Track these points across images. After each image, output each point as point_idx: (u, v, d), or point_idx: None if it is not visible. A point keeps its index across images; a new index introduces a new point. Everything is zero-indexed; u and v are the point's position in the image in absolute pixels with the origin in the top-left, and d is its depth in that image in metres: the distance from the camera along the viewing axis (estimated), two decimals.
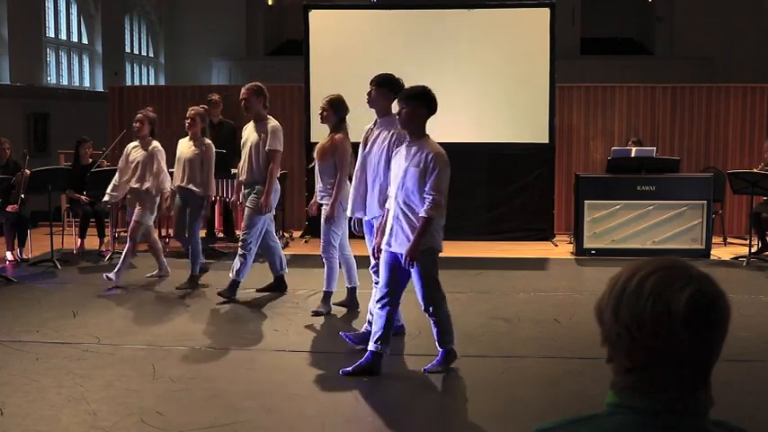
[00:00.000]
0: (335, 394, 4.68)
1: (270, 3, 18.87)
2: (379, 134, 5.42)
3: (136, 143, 7.50)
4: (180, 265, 8.40)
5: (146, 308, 6.63)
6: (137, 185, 7.36)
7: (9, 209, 8.50)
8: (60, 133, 13.25)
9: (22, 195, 8.41)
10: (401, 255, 4.71)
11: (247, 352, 5.43)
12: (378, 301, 4.87)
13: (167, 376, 4.91)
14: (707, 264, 8.22)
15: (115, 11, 16.46)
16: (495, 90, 9.48)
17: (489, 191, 9.64)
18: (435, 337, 4.97)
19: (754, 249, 8.58)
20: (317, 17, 9.81)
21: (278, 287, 7.06)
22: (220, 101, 9.93)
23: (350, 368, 4.89)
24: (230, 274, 6.75)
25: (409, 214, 4.69)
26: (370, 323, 5.26)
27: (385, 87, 5.40)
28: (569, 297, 6.97)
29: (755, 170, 8.97)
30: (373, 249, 5.10)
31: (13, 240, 8.57)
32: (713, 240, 8.99)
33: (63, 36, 15.07)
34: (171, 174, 7.52)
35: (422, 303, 4.86)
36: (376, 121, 5.53)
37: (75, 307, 6.56)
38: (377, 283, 5.32)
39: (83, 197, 9.21)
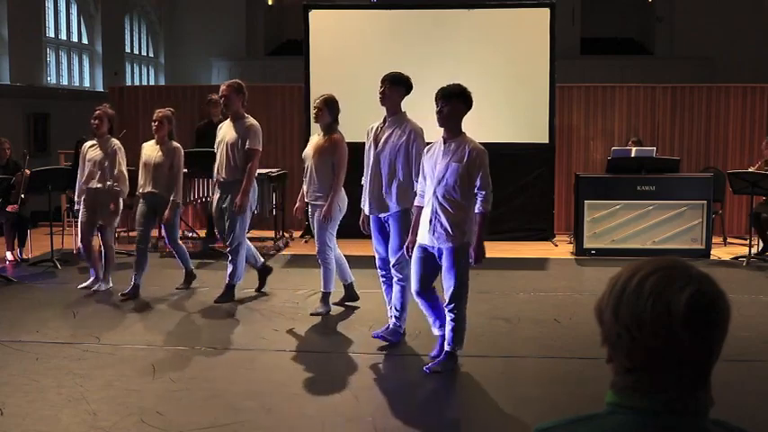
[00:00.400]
0: (335, 394, 4.68)
1: (270, 3, 18.87)
2: (391, 132, 5.48)
3: (93, 142, 7.20)
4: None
5: (146, 308, 6.63)
6: (98, 186, 7.03)
7: (9, 209, 8.51)
8: (60, 133, 13.25)
9: (22, 195, 8.41)
10: (438, 249, 4.83)
11: (247, 352, 5.43)
12: (449, 305, 4.88)
13: (167, 376, 4.91)
14: (707, 264, 8.22)
15: (115, 11, 16.46)
16: (495, 90, 9.47)
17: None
18: (448, 336, 4.94)
19: (754, 250, 8.58)
20: (316, 17, 9.82)
21: (262, 280, 7.14)
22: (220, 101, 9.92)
23: (434, 365, 4.97)
24: (225, 279, 6.75)
25: (449, 209, 4.78)
26: (397, 318, 5.52)
27: (398, 85, 5.49)
28: (569, 297, 6.97)
29: (754, 167, 8.98)
30: (407, 246, 5.14)
31: (13, 240, 8.57)
32: (713, 240, 8.99)
33: (63, 36, 15.07)
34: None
35: (448, 298, 4.88)
36: (385, 119, 5.58)
37: (75, 307, 6.57)
38: (385, 279, 5.61)
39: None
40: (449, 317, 4.90)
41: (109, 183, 7.04)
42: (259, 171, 9.36)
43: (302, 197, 6.35)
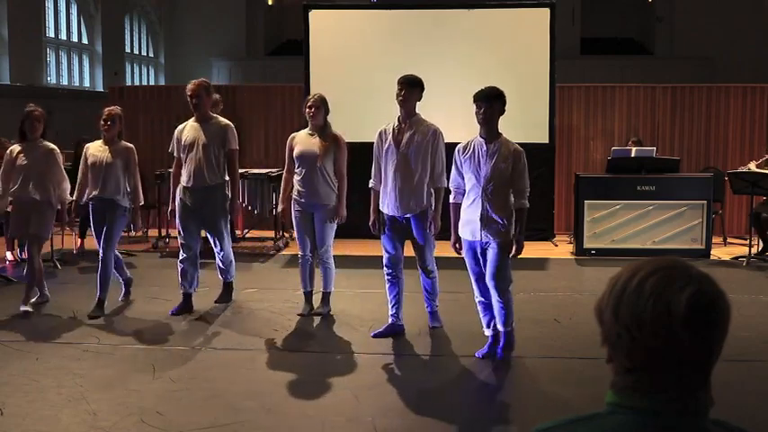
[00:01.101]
0: (335, 394, 4.68)
1: (270, 3, 18.88)
2: (414, 133, 5.57)
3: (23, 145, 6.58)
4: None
5: (146, 308, 6.62)
6: (35, 195, 6.40)
7: (9, 209, 8.50)
8: (60, 133, 13.24)
9: None
10: (484, 243, 5.09)
11: (247, 352, 5.43)
12: (498, 295, 5.14)
13: (167, 376, 4.91)
14: (707, 264, 8.22)
15: (115, 11, 16.47)
16: None
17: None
18: (501, 319, 5.18)
19: (754, 250, 8.58)
20: (316, 17, 9.81)
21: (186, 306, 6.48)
22: (220, 101, 9.91)
23: (485, 350, 5.28)
24: (221, 277, 6.75)
25: (499, 206, 5.07)
26: (432, 301, 5.90)
27: (416, 87, 5.60)
28: (569, 297, 6.97)
29: (754, 163, 8.99)
30: (455, 245, 5.30)
31: (13, 240, 8.56)
32: (713, 240, 8.99)
33: (63, 36, 15.07)
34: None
35: (498, 290, 5.11)
36: (400, 120, 5.63)
37: (76, 307, 6.56)
38: (390, 277, 5.73)
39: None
40: (499, 303, 5.16)
41: (48, 191, 6.44)
42: (259, 171, 9.40)
43: (287, 198, 6.26)
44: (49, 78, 14.44)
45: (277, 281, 7.52)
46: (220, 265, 6.69)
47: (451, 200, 5.29)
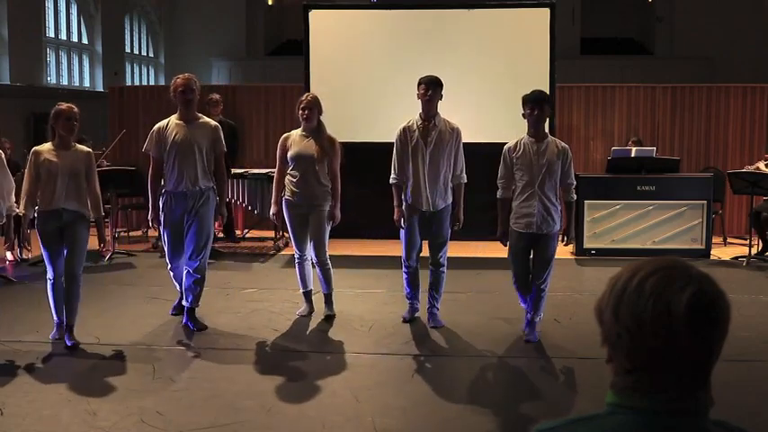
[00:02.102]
0: (335, 394, 4.68)
1: (270, 3, 18.88)
2: (440, 131, 5.83)
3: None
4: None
5: (146, 308, 6.62)
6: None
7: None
8: None
9: None
10: (541, 235, 5.48)
11: (247, 352, 5.43)
12: (543, 282, 5.57)
13: (167, 376, 4.91)
14: (707, 264, 8.22)
15: (115, 11, 16.46)
16: (495, 90, 9.47)
17: (489, 191, 9.61)
18: (541, 306, 5.62)
19: (754, 250, 8.58)
20: (316, 17, 9.81)
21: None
22: (220, 100, 9.93)
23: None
24: (185, 298, 6.02)
25: (553, 200, 5.50)
26: (436, 300, 6.02)
27: (440, 87, 5.84)
28: (569, 297, 6.97)
29: (763, 163, 9.00)
30: (501, 237, 5.69)
31: (13, 240, 8.56)
32: (713, 240, 8.99)
33: (63, 36, 15.07)
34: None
35: (544, 275, 5.56)
36: (424, 118, 5.83)
37: None
38: (409, 270, 5.99)
39: None
40: (544, 291, 5.59)
41: None
42: (259, 171, 9.40)
43: (278, 200, 6.23)
44: (49, 78, 14.44)
45: (277, 281, 7.53)
46: (190, 280, 5.91)
47: (499, 195, 5.65)
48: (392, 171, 5.93)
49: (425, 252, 6.06)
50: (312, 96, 6.18)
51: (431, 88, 5.76)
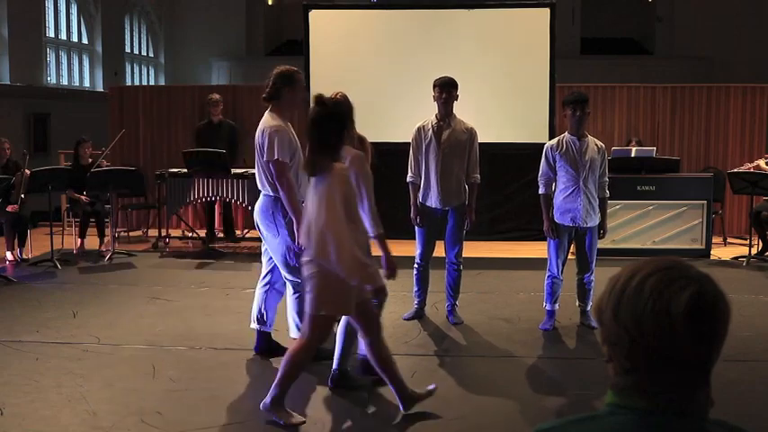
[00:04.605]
0: (336, 394, 4.67)
1: (270, 3, 18.87)
2: (453, 131, 5.96)
3: None
4: (181, 266, 8.41)
5: (146, 308, 6.62)
6: None
7: (9, 209, 8.51)
8: (60, 133, 13.26)
9: (22, 195, 8.41)
10: (585, 228, 5.81)
11: (247, 352, 5.42)
12: (592, 273, 5.97)
13: (167, 376, 4.91)
14: (707, 264, 8.22)
15: (115, 11, 16.46)
16: (494, 90, 9.47)
17: (489, 191, 9.62)
18: (590, 296, 5.96)
19: (754, 250, 8.58)
20: (316, 17, 9.81)
21: None
22: (221, 100, 9.93)
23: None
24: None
25: (595, 194, 5.80)
26: (454, 298, 6.18)
27: (456, 88, 5.99)
28: (569, 297, 6.96)
29: (764, 161, 9.01)
30: (548, 230, 5.91)
31: (13, 240, 8.57)
32: (713, 240, 8.99)
33: (63, 36, 15.07)
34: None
35: (591, 268, 5.97)
36: (440, 118, 5.96)
37: (76, 307, 6.56)
38: (420, 269, 6.11)
39: (83, 197, 9.23)
40: (591, 282, 5.97)
41: None
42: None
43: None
44: (48, 78, 14.43)
45: None
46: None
47: (542, 192, 5.90)
48: (409, 170, 6.12)
49: (439, 252, 6.13)
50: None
51: (445, 90, 5.93)
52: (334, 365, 4.70)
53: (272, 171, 4.90)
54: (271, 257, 5.24)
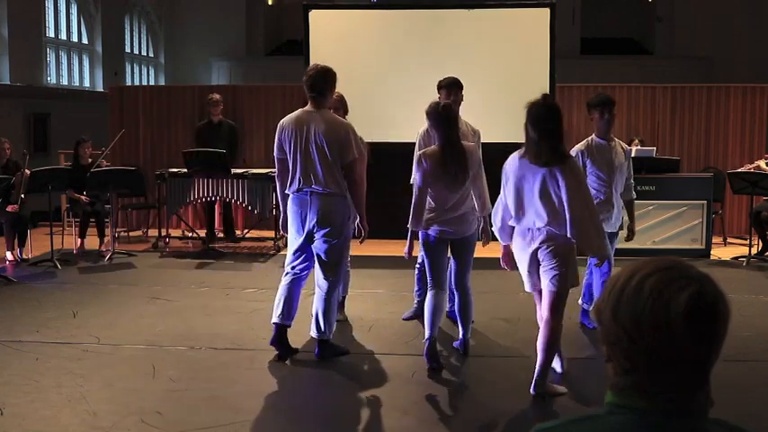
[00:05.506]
0: (336, 394, 4.67)
1: (270, 3, 18.86)
2: (461, 134, 5.68)
3: None
4: (181, 266, 8.41)
5: (146, 308, 6.62)
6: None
7: (9, 209, 8.51)
8: (60, 133, 13.26)
9: (22, 195, 8.41)
10: (614, 231, 5.61)
11: (247, 352, 5.42)
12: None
13: (167, 376, 4.91)
14: (707, 264, 8.22)
15: (115, 11, 16.46)
16: (494, 90, 9.47)
17: (489, 191, 9.61)
18: None
19: (754, 250, 8.58)
20: (316, 17, 9.81)
21: None
22: (221, 100, 9.93)
23: None
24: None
25: (619, 198, 5.64)
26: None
27: (461, 89, 5.96)
28: (569, 297, 6.95)
29: (764, 161, 9.01)
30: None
31: (13, 240, 8.57)
32: (713, 240, 8.99)
33: (63, 36, 15.07)
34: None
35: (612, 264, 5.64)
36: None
37: (76, 307, 6.56)
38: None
39: (83, 197, 9.23)
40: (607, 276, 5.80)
41: None
42: (259, 171, 9.41)
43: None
44: (48, 78, 14.43)
45: (277, 281, 7.47)
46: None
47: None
48: (414, 172, 5.83)
49: None
50: (338, 96, 6.14)
51: (452, 92, 5.87)
52: (431, 335, 5.06)
53: (352, 169, 5.06)
54: (304, 258, 5.22)
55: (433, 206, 5.08)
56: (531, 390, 4.54)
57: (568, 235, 4.41)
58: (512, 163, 4.69)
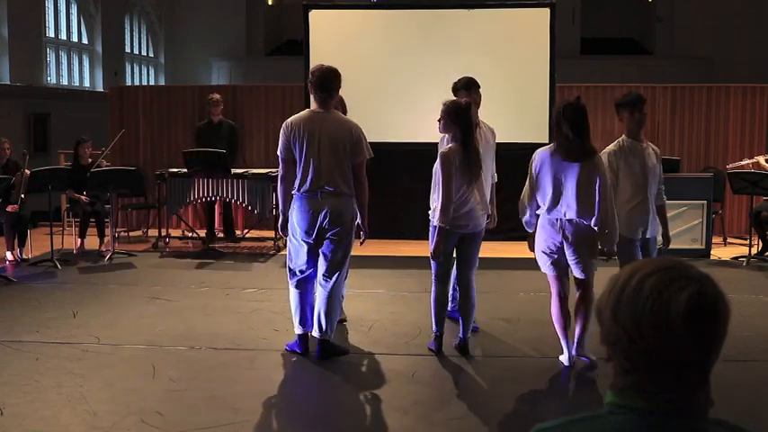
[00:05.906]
0: (336, 394, 4.68)
1: (270, 3, 18.86)
2: (482, 132, 5.82)
3: None
4: (181, 266, 8.41)
5: (146, 308, 6.62)
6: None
7: (9, 209, 8.51)
8: (60, 133, 13.25)
9: (22, 195, 8.41)
10: (649, 238, 5.31)
11: (247, 352, 5.43)
12: None
13: (167, 376, 4.91)
14: (707, 264, 8.22)
15: (115, 11, 16.46)
16: (495, 90, 9.45)
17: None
18: None
19: (754, 250, 8.58)
20: (317, 17, 9.81)
21: None
22: (221, 100, 9.93)
23: None
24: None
25: (653, 202, 5.35)
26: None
27: (478, 88, 5.89)
28: (569, 297, 6.96)
29: (763, 157, 9.02)
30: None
31: (13, 240, 8.57)
32: (713, 240, 8.99)
33: (63, 36, 15.06)
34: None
35: None
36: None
37: (76, 307, 6.56)
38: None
39: (83, 197, 9.23)
40: None
41: None
42: (259, 171, 9.41)
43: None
44: (48, 78, 14.43)
45: (277, 281, 7.52)
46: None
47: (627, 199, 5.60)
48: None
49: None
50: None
51: (471, 92, 5.79)
52: (463, 335, 5.35)
53: (360, 170, 5.14)
54: (314, 261, 5.21)
55: (449, 201, 5.13)
56: (574, 351, 4.99)
57: (593, 225, 4.86)
58: (544, 159, 5.00)
